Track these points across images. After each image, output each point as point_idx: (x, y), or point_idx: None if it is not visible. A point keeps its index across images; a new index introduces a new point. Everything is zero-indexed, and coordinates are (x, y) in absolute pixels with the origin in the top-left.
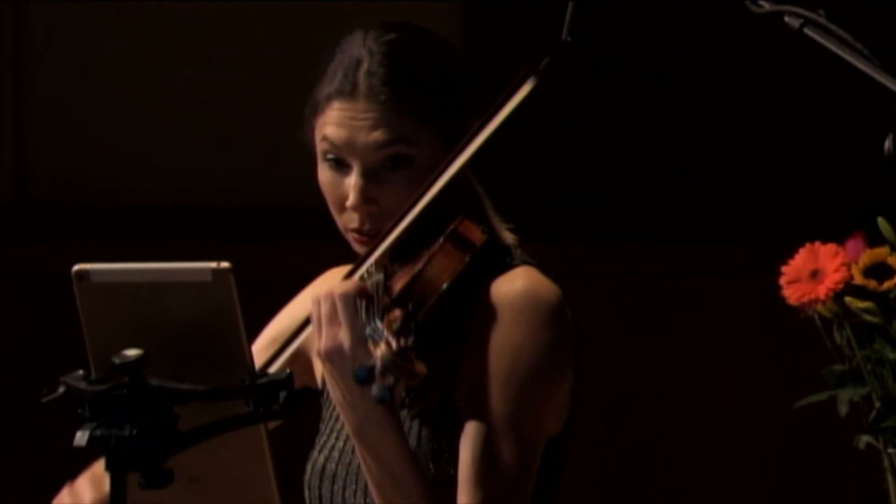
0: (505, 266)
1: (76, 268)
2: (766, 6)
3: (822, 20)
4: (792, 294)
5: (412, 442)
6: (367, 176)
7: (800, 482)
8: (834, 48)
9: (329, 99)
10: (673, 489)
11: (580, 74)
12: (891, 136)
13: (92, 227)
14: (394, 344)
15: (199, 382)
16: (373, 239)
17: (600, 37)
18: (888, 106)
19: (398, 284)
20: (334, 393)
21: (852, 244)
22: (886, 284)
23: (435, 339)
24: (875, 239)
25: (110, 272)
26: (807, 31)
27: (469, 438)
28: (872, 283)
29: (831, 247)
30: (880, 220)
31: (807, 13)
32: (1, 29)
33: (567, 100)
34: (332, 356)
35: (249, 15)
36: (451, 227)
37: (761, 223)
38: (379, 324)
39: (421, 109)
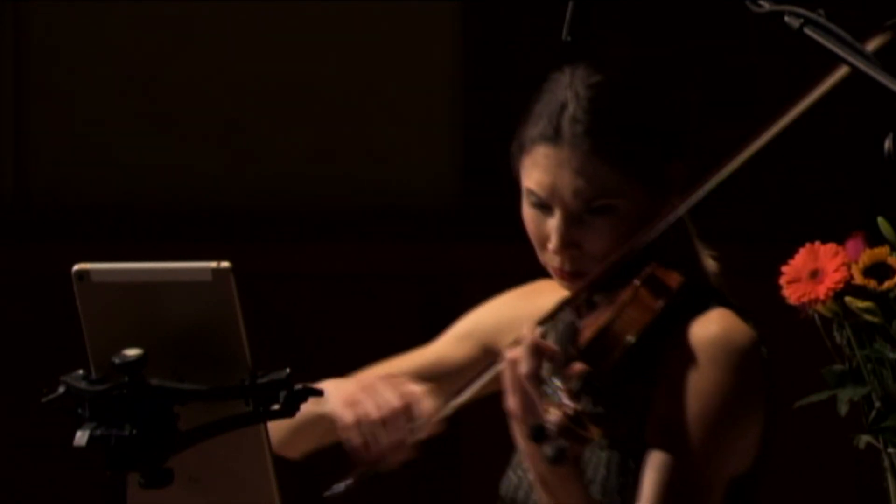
0: (702, 307)
1: (76, 268)
2: (766, 6)
3: (822, 20)
4: (792, 294)
5: (602, 471)
6: (569, 221)
7: (800, 482)
8: (834, 48)
9: (534, 142)
10: None
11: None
12: (891, 136)
13: (92, 227)
14: (569, 409)
15: (199, 382)
16: (575, 278)
17: (592, 31)
18: (888, 106)
19: (586, 334)
20: (518, 441)
21: (852, 244)
22: (886, 284)
23: (628, 376)
24: (875, 239)
25: (110, 272)
26: (807, 30)
27: (650, 476)
28: (872, 283)
29: (831, 247)
30: (880, 220)
31: (807, 13)
32: (1, 29)
33: None
34: (514, 416)
35: (250, 15)
36: (648, 271)
37: (761, 223)
38: (557, 383)
39: (624, 160)
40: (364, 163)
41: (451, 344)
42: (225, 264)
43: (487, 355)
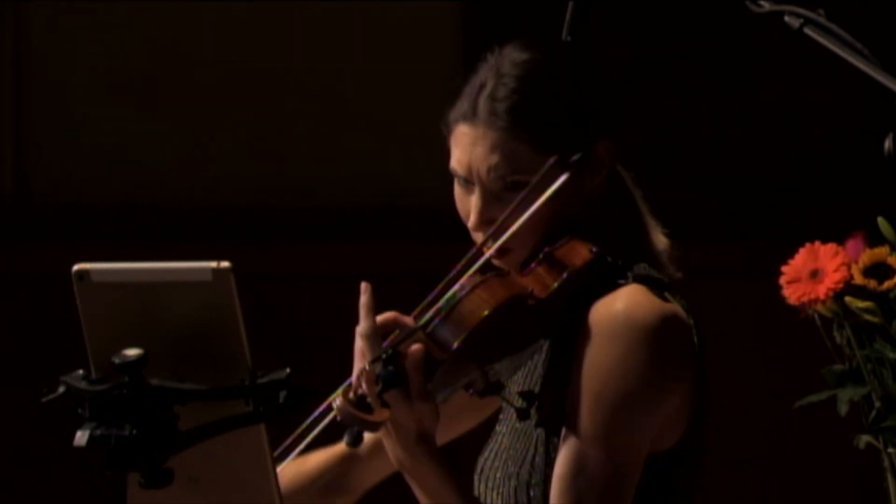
0: (613, 285)
1: (76, 268)
2: (767, 6)
3: (822, 20)
4: (792, 294)
5: (531, 451)
6: (487, 198)
7: (800, 482)
8: (834, 48)
9: (455, 121)
10: None
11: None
12: (891, 135)
13: (92, 227)
14: (352, 393)
15: (199, 382)
16: (499, 256)
17: (594, 33)
18: (888, 106)
19: (432, 320)
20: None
21: (852, 244)
22: (886, 284)
23: (556, 353)
24: (875, 239)
25: (110, 272)
26: (807, 30)
27: (561, 456)
28: (872, 283)
29: (831, 247)
30: (880, 220)
31: (807, 13)
32: (1, 29)
33: None
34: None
35: (250, 15)
36: (546, 250)
37: (761, 223)
38: (367, 366)
39: (538, 139)
40: (364, 163)
41: None
42: (225, 264)
43: None
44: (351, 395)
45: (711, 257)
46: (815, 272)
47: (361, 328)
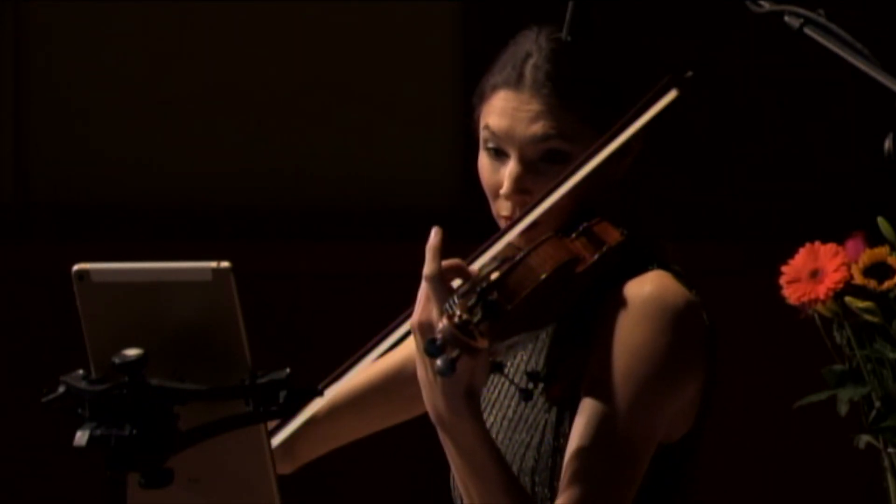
0: (639, 269)
1: (76, 268)
2: (767, 6)
3: (822, 20)
4: (792, 294)
5: (537, 436)
6: (524, 166)
7: (800, 482)
8: (834, 48)
9: (495, 88)
10: None
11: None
12: (891, 136)
13: (92, 227)
14: (456, 317)
15: (199, 382)
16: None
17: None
18: (888, 106)
19: (503, 268)
20: (419, 371)
21: (852, 244)
22: (886, 284)
23: (566, 335)
24: (875, 239)
25: (110, 272)
26: (807, 30)
27: (578, 432)
28: (872, 283)
29: (831, 247)
30: (880, 220)
31: (807, 13)
32: (1, 29)
33: None
34: (415, 330)
35: (250, 15)
36: (585, 225)
37: (761, 223)
38: (457, 299)
39: (581, 108)
40: (364, 163)
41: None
42: (225, 264)
43: None
44: (455, 318)
45: (711, 257)
46: (815, 272)
47: (429, 270)
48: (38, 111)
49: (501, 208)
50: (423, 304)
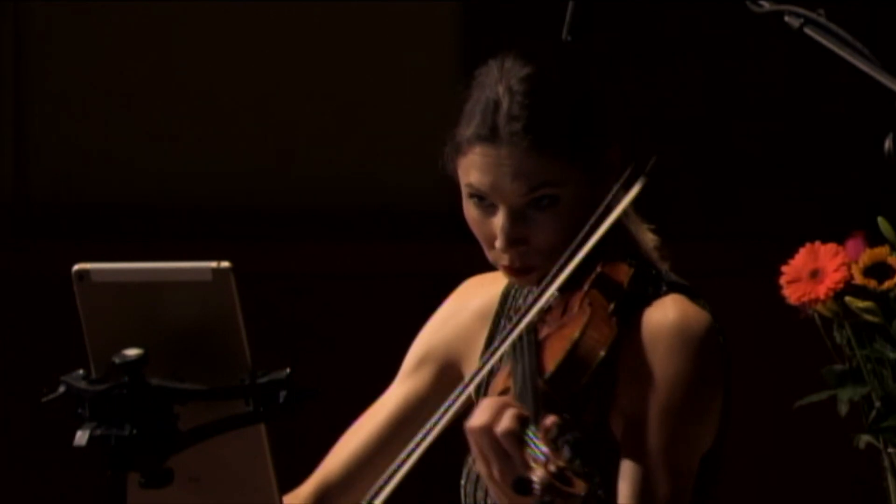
0: (654, 294)
1: (76, 268)
2: (767, 6)
3: (822, 20)
4: (792, 294)
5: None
6: (514, 218)
7: (800, 482)
8: (834, 48)
9: (470, 143)
10: None
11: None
12: (891, 135)
13: (92, 227)
14: (552, 466)
15: (199, 382)
16: (525, 274)
17: (593, 30)
18: (888, 106)
19: (550, 363)
20: (482, 469)
21: (852, 244)
22: (886, 284)
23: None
24: (875, 239)
25: (110, 272)
26: (807, 30)
27: (627, 473)
28: (872, 283)
29: (831, 247)
30: (880, 220)
31: (807, 13)
32: (1, 29)
33: None
34: (494, 478)
35: (249, 15)
36: (597, 271)
37: (762, 223)
38: (535, 437)
39: (563, 152)
40: (364, 163)
41: (408, 380)
42: (225, 264)
43: (448, 373)
44: (552, 467)
45: (711, 257)
46: (815, 272)
47: (510, 426)
48: (37, 111)
49: (499, 259)
50: (496, 455)
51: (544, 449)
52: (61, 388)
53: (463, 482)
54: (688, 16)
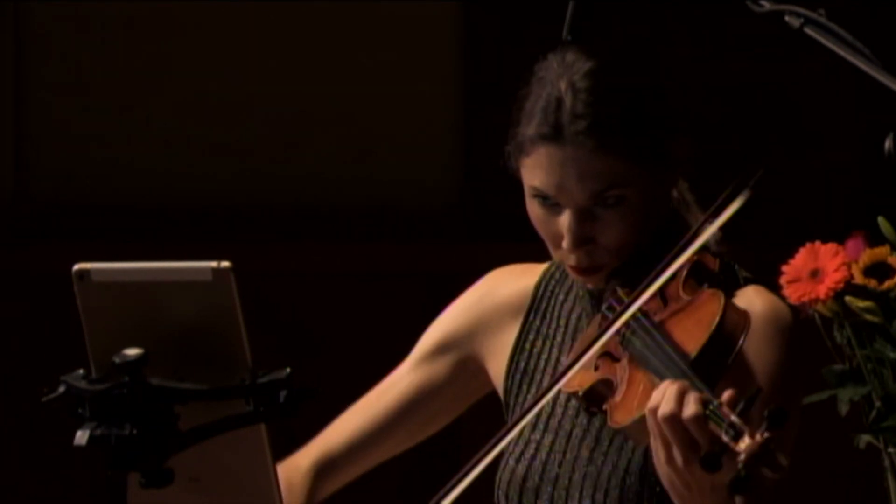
0: (735, 285)
1: (76, 268)
2: (767, 5)
3: (822, 20)
4: (792, 294)
5: (631, 455)
6: (581, 217)
7: (800, 482)
8: (834, 48)
9: (534, 143)
10: None
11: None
12: (891, 135)
13: (92, 227)
14: (758, 436)
15: (199, 382)
16: (593, 273)
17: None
18: (888, 106)
19: (690, 346)
20: (662, 455)
21: (852, 244)
22: (886, 284)
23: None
24: (875, 239)
25: (110, 272)
26: (807, 30)
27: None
28: (872, 283)
29: (831, 246)
30: (880, 220)
31: (807, 13)
32: (1, 29)
33: None
34: (685, 460)
35: (248, 16)
36: (692, 262)
37: (762, 223)
38: (718, 413)
39: (630, 149)
40: (364, 163)
41: (424, 366)
42: (225, 264)
43: (468, 364)
44: (761, 438)
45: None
46: (815, 272)
47: (697, 410)
48: (37, 111)
49: (566, 258)
50: (683, 439)
51: (736, 421)
52: (61, 388)
53: (503, 486)
54: (688, 16)
